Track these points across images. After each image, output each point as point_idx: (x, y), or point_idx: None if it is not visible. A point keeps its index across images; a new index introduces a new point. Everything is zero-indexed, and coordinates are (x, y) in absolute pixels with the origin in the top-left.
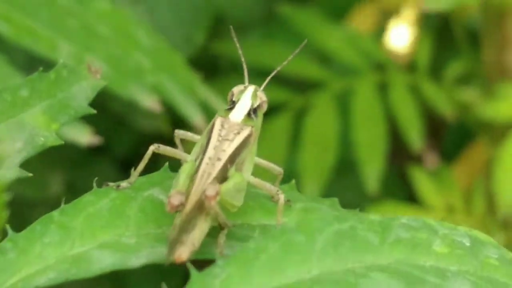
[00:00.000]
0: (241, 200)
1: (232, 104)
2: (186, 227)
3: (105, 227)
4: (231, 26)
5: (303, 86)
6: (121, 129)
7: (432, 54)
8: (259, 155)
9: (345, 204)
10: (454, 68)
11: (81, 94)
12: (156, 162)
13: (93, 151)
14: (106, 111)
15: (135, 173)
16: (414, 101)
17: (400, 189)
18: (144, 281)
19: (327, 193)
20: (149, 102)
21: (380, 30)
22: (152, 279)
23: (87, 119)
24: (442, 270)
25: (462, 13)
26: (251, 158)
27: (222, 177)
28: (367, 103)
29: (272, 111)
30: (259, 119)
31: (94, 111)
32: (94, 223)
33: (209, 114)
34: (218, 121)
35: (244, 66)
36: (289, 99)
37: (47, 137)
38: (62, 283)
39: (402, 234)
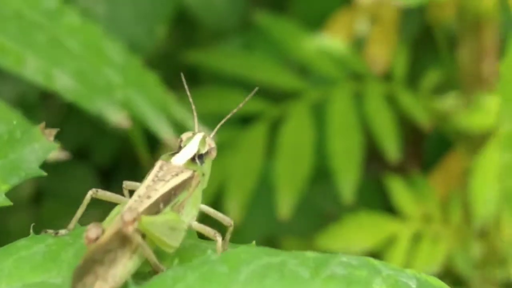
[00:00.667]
0: (177, 241)
1: (179, 150)
2: (100, 259)
3: (35, 270)
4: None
5: (278, 96)
6: (102, 135)
7: (409, 63)
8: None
9: (322, 214)
10: (432, 77)
11: (32, 155)
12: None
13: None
14: (87, 116)
15: (73, 220)
16: (391, 110)
17: (376, 198)
18: None
19: (303, 203)
20: (118, 117)
21: (356, 39)
22: None
23: (67, 125)
24: None
25: (441, 18)
26: (193, 203)
27: (152, 215)
28: (343, 113)
29: (247, 120)
30: (205, 165)
31: (45, 174)
32: (24, 266)
33: (183, 131)
34: (158, 163)
35: (194, 113)
36: (265, 109)
37: None
38: None
39: (338, 271)
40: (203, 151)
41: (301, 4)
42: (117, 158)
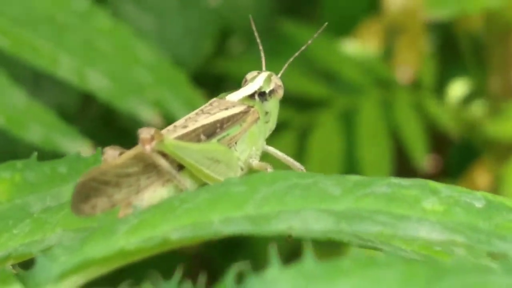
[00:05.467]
0: (222, 174)
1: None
2: (115, 181)
3: None
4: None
5: (307, 104)
6: (125, 142)
7: (437, 72)
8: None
9: None
10: (459, 86)
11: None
12: None
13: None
14: (110, 124)
15: None
16: (419, 119)
17: None
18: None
19: None
20: (149, 115)
21: (385, 47)
22: None
23: (92, 133)
24: (419, 219)
25: (468, 28)
26: (250, 140)
27: None
28: (371, 121)
29: (275, 129)
30: (269, 104)
31: None
32: None
33: None
34: (211, 101)
35: (262, 54)
36: (293, 117)
37: None
38: None
39: (380, 189)
40: (267, 89)
41: (328, 11)
42: None
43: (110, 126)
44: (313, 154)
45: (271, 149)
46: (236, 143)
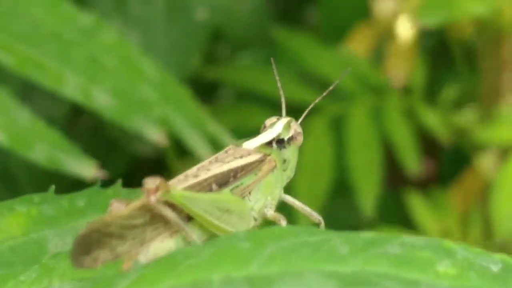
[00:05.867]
0: (234, 225)
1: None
2: (119, 233)
3: None
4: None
5: (297, 110)
6: (115, 153)
7: (428, 77)
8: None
9: (344, 228)
10: (450, 91)
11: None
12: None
13: None
14: (99, 134)
15: None
16: (410, 124)
17: (396, 212)
18: None
19: (324, 217)
20: (156, 135)
21: (376, 53)
22: None
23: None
24: (430, 285)
25: (459, 34)
26: (265, 189)
27: None
28: (362, 127)
29: None
30: (287, 151)
31: None
32: None
33: (217, 146)
34: (227, 148)
35: (282, 99)
36: None
37: None
38: None
39: (392, 250)
40: (285, 136)
41: (324, 18)
42: (130, 174)
43: (100, 137)
44: (304, 160)
45: (288, 198)
46: (250, 192)
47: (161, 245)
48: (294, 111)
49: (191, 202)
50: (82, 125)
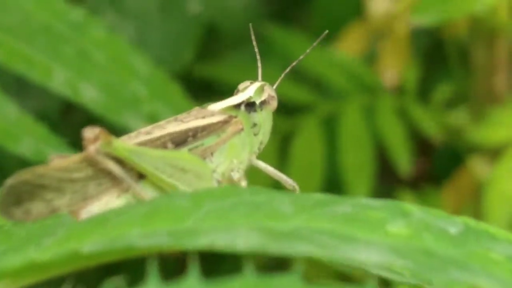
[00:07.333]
0: (185, 183)
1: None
2: (56, 185)
3: None
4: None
5: (290, 109)
6: None
7: (421, 77)
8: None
9: None
10: (443, 91)
11: None
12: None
13: None
14: None
15: None
16: (402, 124)
17: None
18: None
19: None
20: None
21: (369, 52)
22: None
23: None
24: (370, 242)
25: (453, 33)
26: (230, 152)
27: None
28: (354, 127)
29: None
30: (258, 115)
31: None
32: None
33: None
34: (191, 110)
35: (259, 63)
36: (276, 122)
37: None
38: None
39: (341, 209)
40: (257, 99)
41: (317, 16)
42: None
43: None
44: (296, 159)
45: (261, 164)
46: (212, 154)
47: (106, 206)
48: (286, 109)
49: (139, 157)
50: (75, 119)
